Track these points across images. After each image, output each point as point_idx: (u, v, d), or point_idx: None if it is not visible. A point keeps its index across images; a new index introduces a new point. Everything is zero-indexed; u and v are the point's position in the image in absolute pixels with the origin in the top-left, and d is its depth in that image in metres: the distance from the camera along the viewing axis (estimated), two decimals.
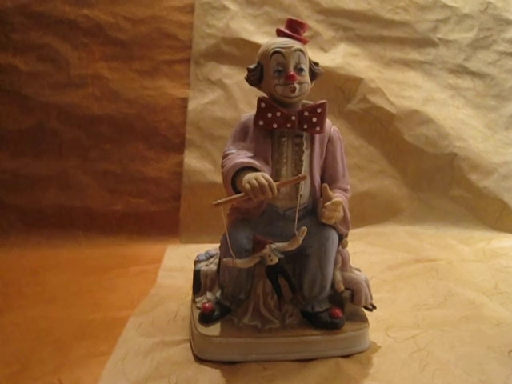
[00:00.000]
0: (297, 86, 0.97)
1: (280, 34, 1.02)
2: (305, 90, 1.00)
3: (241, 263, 0.94)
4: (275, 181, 0.91)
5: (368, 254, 1.68)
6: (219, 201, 0.87)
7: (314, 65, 1.03)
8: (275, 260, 0.94)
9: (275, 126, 0.98)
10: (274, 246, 0.94)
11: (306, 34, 1.03)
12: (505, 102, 2.25)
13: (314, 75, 1.03)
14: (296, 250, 0.95)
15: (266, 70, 1.00)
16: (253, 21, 2.08)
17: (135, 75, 1.97)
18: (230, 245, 0.94)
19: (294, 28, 1.01)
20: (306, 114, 0.98)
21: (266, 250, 0.93)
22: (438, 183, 2.10)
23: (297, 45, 0.98)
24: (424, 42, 2.22)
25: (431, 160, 2.10)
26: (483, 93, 2.25)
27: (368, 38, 2.17)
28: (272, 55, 0.97)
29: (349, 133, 2.08)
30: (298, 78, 0.97)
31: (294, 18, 1.02)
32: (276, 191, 0.89)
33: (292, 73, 0.96)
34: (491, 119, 2.23)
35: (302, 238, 0.93)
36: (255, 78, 1.02)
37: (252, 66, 1.02)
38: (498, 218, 2.03)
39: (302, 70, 0.99)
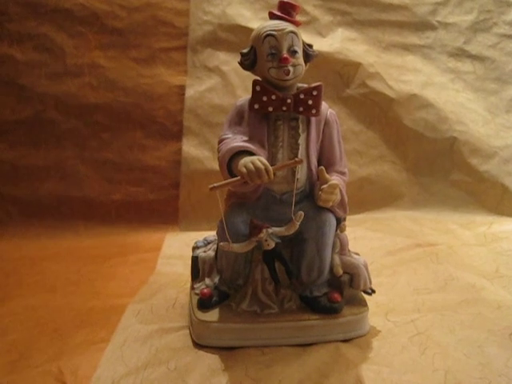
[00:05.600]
0: (291, 68, 0.96)
1: (272, 16, 1.01)
2: (299, 72, 0.98)
3: (237, 248, 0.94)
4: (271, 164, 0.91)
5: (368, 240, 1.68)
6: (215, 184, 0.86)
7: (307, 47, 1.01)
8: (272, 245, 0.94)
9: (271, 109, 0.97)
10: (270, 230, 0.94)
11: (302, 19, 1.02)
12: (505, 85, 2.24)
13: (308, 57, 1.01)
14: (293, 233, 0.95)
15: (259, 54, 0.99)
16: (249, 7, 2.07)
17: (132, 63, 1.96)
18: (227, 229, 0.94)
19: (287, 10, 0.99)
20: (302, 96, 0.97)
21: (263, 235, 0.93)
22: (438, 168, 2.09)
23: (289, 27, 0.97)
24: (423, 26, 2.20)
25: (431, 144, 2.09)
26: (483, 76, 2.24)
27: (366, 23, 2.15)
28: (265, 38, 0.96)
29: (348, 118, 2.07)
30: (292, 60, 0.96)
31: (285, 0, 1.00)
32: (272, 175, 0.88)
33: (285, 55, 0.95)
34: (492, 103, 2.22)
35: (298, 223, 0.93)
36: (249, 62, 1.01)
37: (245, 51, 1.01)
38: (498, 202, 2.03)
39: (295, 52, 0.97)
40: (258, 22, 2.02)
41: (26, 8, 1.90)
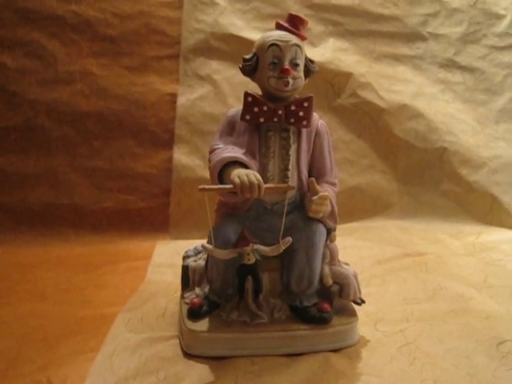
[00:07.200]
0: (290, 80, 0.97)
1: (279, 27, 1.02)
2: (298, 85, 1.00)
3: (218, 253, 0.95)
4: (263, 176, 0.92)
5: (358, 249, 1.68)
6: (205, 186, 0.87)
7: (309, 62, 1.03)
8: (252, 260, 0.95)
9: (262, 120, 0.98)
10: (255, 246, 0.95)
11: None
12: (494, 96, 2.26)
13: (308, 72, 1.03)
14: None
15: (261, 62, 0.99)
16: (242, 16, 2.08)
17: (124, 71, 1.96)
18: (213, 234, 0.95)
19: (294, 23, 1.01)
20: (293, 108, 0.98)
21: (248, 248, 0.93)
22: (428, 178, 2.11)
23: (295, 40, 0.98)
24: (414, 37, 2.22)
25: (421, 154, 2.10)
26: (473, 87, 2.25)
27: (357, 33, 2.17)
28: (269, 47, 0.97)
29: (338, 127, 2.08)
30: (293, 72, 0.97)
31: (295, 13, 1.02)
32: (263, 192, 0.89)
33: (287, 67, 0.96)
34: (481, 113, 2.23)
35: (284, 248, 0.94)
36: (250, 68, 1.01)
37: (248, 56, 1.01)
38: (487, 212, 2.04)
39: (297, 65, 0.99)
40: (250, 31, 2.03)
41: (18, 14, 1.90)
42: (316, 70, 1.04)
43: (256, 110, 0.97)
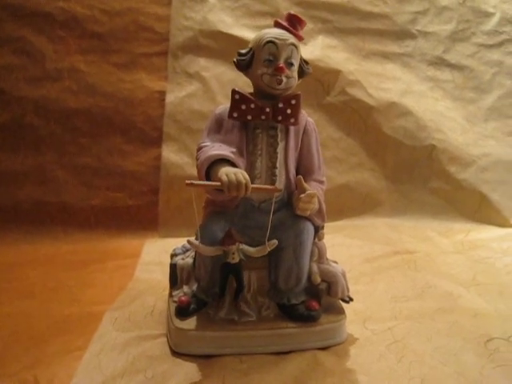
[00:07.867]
0: (284, 79, 0.97)
1: (277, 25, 1.02)
2: (291, 84, 1.00)
3: (204, 249, 0.94)
4: (250, 174, 0.92)
5: (347, 247, 1.68)
6: (193, 181, 0.86)
7: (304, 63, 1.03)
8: (236, 259, 0.95)
9: (249, 117, 0.97)
10: (241, 246, 0.95)
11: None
12: (483, 94, 2.27)
13: (302, 73, 1.03)
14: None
15: (256, 57, 1.00)
16: (231, 13, 2.07)
17: (112, 68, 1.95)
18: (203, 234, 0.95)
19: (293, 23, 1.01)
20: (281, 105, 0.97)
21: (233, 247, 0.93)
22: (417, 175, 2.11)
23: (292, 39, 0.99)
24: (403, 34, 2.23)
25: (410, 152, 2.11)
26: (462, 85, 2.26)
27: (346, 30, 2.17)
28: (265, 44, 0.97)
29: (327, 125, 2.08)
30: (287, 71, 0.97)
31: (294, 13, 1.02)
32: (250, 191, 0.88)
33: (282, 65, 0.96)
34: (470, 111, 2.24)
35: (269, 250, 0.94)
36: (244, 63, 1.01)
37: (243, 51, 1.01)
38: (476, 210, 2.04)
39: (292, 64, 0.99)
40: (239, 28, 2.03)
41: (5, 11, 1.88)
42: (310, 72, 1.05)
43: (243, 107, 0.97)
